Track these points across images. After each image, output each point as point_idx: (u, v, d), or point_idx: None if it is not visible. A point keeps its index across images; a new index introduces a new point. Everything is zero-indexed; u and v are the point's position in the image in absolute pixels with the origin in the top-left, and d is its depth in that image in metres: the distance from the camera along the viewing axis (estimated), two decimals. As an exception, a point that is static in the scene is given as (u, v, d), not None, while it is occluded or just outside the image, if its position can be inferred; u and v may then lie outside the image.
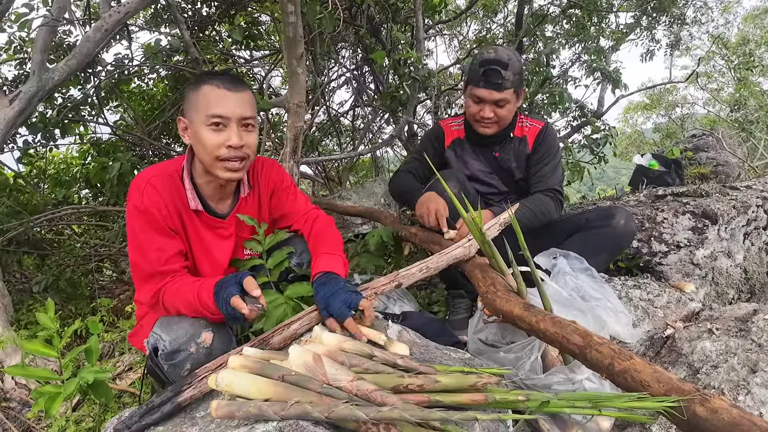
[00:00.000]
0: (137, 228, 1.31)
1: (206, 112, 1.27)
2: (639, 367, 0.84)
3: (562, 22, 5.55)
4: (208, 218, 1.43)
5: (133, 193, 1.33)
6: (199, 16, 4.31)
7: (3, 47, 3.72)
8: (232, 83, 1.30)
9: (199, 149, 1.32)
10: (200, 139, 1.29)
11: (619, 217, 1.77)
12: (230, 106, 1.28)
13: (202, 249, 1.45)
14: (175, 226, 1.36)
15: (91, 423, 1.62)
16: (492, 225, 1.61)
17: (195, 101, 1.30)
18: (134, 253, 1.32)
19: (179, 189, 1.38)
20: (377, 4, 4.14)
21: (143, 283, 1.33)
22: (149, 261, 1.30)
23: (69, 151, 4.61)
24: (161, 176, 1.36)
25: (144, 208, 1.30)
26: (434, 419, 0.80)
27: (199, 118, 1.29)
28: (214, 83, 1.29)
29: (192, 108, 1.31)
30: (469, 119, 1.95)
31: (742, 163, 4.73)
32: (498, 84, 1.78)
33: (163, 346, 1.20)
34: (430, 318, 1.94)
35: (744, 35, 12.60)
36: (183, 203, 1.38)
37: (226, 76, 1.33)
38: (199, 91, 1.29)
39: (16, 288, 3.09)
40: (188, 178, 1.39)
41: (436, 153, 2.09)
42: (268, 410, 0.86)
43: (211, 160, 1.31)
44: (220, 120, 1.28)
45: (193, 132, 1.31)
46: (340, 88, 5.58)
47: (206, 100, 1.28)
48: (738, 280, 2.31)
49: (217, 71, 1.45)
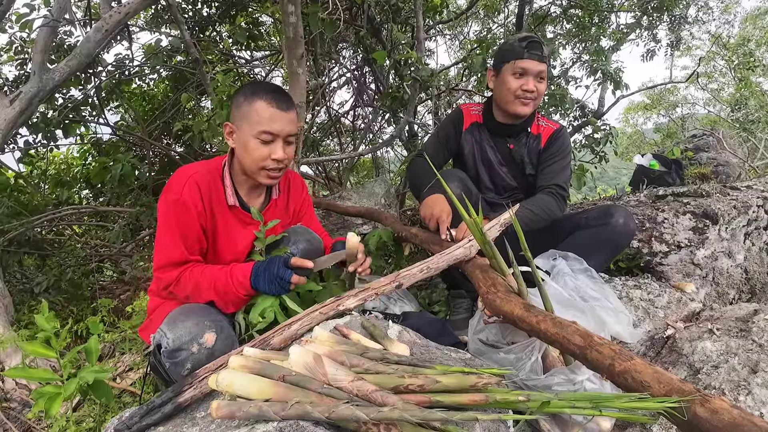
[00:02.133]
0: (172, 218, 1.40)
1: (258, 127, 1.40)
2: (639, 368, 0.84)
3: (563, 22, 5.56)
4: (243, 213, 1.54)
5: (174, 185, 1.42)
6: (200, 17, 4.31)
7: (4, 48, 3.72)
8: (284, 102, 1.43)
9: (245, 156, 1.45)
10: (248, 148, 1.43)
11: (618, 216, 1.77)
12: (280, 125, 1.42)
13: (229, 241, 1.54)
14: (205, 223, 1.46)
15: (92, 423, 1.62)
16: (492, 225, 1.61)
17: (247, 113, 1.42)
18: (165, 239, 1.40)
19: (218, 186, 1.50)
20: (378, 4, 4.14)
21: (167, 269, 1.40)
22: (179, 249, 1.40)
23: (69, 152, 4.61)
24: (203, 173, 1.47)
25: (183, 201, 1.40)
26: (435, 419, 0.80)
27: (250, 131, 1.41)
28: (269, 101, 1.41)
29: (243, 118, 1.43)
30: (506, 98, 1.94)
31: (742, 163, 4.73)
32: (541, 55, 1.88)
33: (166, 343, 1.22)
34: (431, 318, 1.94)
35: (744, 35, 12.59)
36: (219, 199, 1.50)
37: (279, 94, 1.45)
38: (252, 105, 1.41)
39: (17, 288, 3.09)
40: (228, 176, 1.52)
41: (454, 136, 2.13)
42: (269, 410, 0.86)
43: (255, 168, 1.45)
44: (270, 136, 1.42)
45: (241, 140, 1.44)
46: (340, 88, 5.59)
47: (259, 117, 1.40)
48: (739, 280, 2.31)
49: (269, 84, 1.57)
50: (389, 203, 3.54)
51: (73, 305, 2.87)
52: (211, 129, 2.74)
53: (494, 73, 1.99)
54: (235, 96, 1.49)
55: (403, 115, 3.98)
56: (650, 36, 6.01)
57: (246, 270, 1.38)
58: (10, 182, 3.60)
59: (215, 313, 1.37)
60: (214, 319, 1.30)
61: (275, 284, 1.35)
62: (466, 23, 7.13)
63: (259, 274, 1.36)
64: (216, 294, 1.38)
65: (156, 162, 4.30)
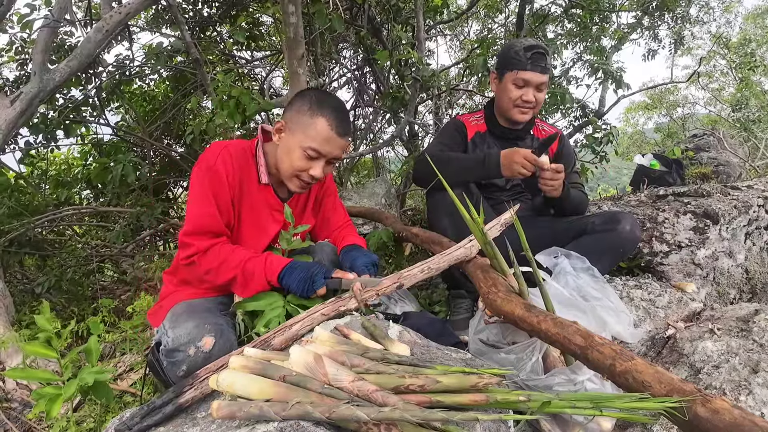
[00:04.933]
0: (206, 186, 1.40)
1: (311, 143, 1.40)
2: (640, 368, 0.84)
3: (563, 22, 5.56)
4: (272, 196, 1.55)
5: (209, 155, 1.43)
6: (200, 17, 4.31)
7: (4, 48, 3.72)
8: (344, 128, 1.43)
9: (285, 160, 1.45)
10: (291, 155, 1.43)
11: (625, 223, 1.78)
12: (332, 148, 1.43)
13: (256, 223, 1.53)
14: (234, 195, 1.46)
15: (92, 423, 1.62)
16: (493, 225, 1.61)
17: (306, 124, 1.41)
18: (198, 208, 1.40)
19: (249, 163, 1.50)
20: (378, 4, 4.14)
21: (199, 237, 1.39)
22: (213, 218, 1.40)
23: (70, 152, 4.61)
24: (236, 148, 1.48)
25: (216, 169, 1.40)
26: (435, 419, 0.80)
27: (301, 141, 1.41)
28: (331, 121, 1.40)
29: (299, 125, 1.42)
30: (506, 105, 1.99)
31: (743, 162, 4.73)
32: (544, 67, 1.90)
33: (166, 341, 1.23)
34: (431, 318, 1.94)
35: (745, 35, 12.58)
36: (250, 176, 1.50)
37: (343, 117, 1.44)
38: (314, 118, 1.40)
39: (18, 289, 3.09)
40: (262, 157, 1.52)
41: (460, 143, 2.12)
42: (269, 411, 0.86)
43: (289, 174, 1.46)
44: (317, 154, 1.42)
45: (288, 143, 1.44)
46: (341, 88, 5.59)
47: (316, 133, 1.40)
48: (739, 280, 2.31)
49: (336, 101, 1.51)
50: (390, 203, 3.53)
51: (74, 305, 2.87)
52: (210, 130, 2.74)
53: (497, 76, 2.03)
54: (300, 98, 1.47)
55: (403, 115, 3.98)
56: (651, 36, 6.01)
57: (282, 262, 1.37)
58: (11, 183, 3.60)
59: (217, 314, 1.36)
60: (216, 322, 1.29)
61: (304, 287, 1.33)
62: (467, 23, 7.13)
63: (294, 270, 1.35)
64: (242, 273, 1.36)
65: (156, 162, 4.30)
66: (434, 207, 1.98)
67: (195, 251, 1.38)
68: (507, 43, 2.09)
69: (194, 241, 1.38)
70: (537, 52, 1.88)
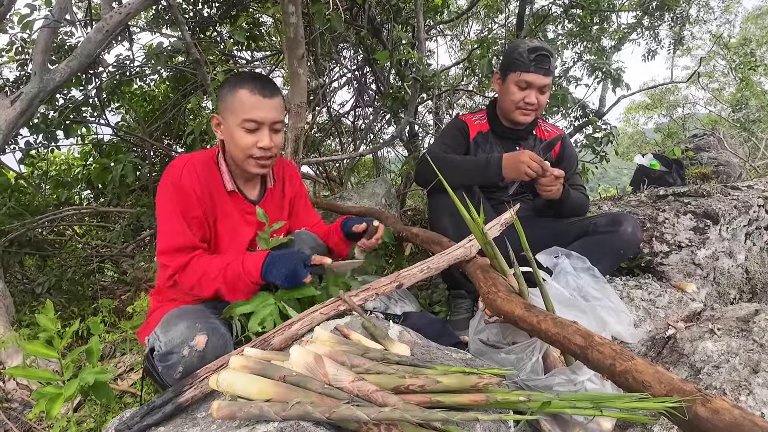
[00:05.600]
0: (174, 203, 1.40)
1: (242, 116, 1.40)
2: (640, 368, 0.84)
3: (564, 22, 5.55)
4: (242, 201, 1.55)
5: (172, 170, 1.43)
6: (200, 17, 4.31)
7: (4, 48, 3.72)
8: (266, 89, 1.42)
9: (232, 147, 1.46)
10: (234, 138, 1.43)
11: (627, 225, 1.78)
12: (264, 112, 1.41)
13: (230, 230, 1.53)
14: (205, 208, 1.45)
15: (93, 423, 1.62)
16: (493, 225, 1.61)
17: (231, 103, 1.41)
18: (167, 225, 1.40)
19: (214, 173, 1.51)
20: (378, 4, 4.14)
21: (173, 255, 1.38)
22: (184, 234, 1.39)
23: (70, 152, 4.61)
24: (199, 160, 1.49)
25: (182, 184, 1.40)
26: (436, 420, 0.80)
27: (235, 120, 1.41)
28: (251, 89, 1.40)
29: (227, 109, 1.43)
30: (508, 107, 2.00)
31: (743, 163, 4.73)
32: (547, 69, 1.91)
33: (158, 346, 1.22)
34: (431, 318, 1.94)
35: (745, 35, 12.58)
36: (217, 186, 1.50)
37: (262, 81, 1.44)
38: (235, 95, 1.40)
39: (18, 289, 3.09)
40: (224, 163, 1.53)
41: (462, 143, 2.12)
42: (269, 411, 0.86)
43: (243, 157, 1.46)
44: (255, 124, 1.41)
45: (228, 131, 1.45)
46: (341, 88, 5.58)
47: (242, 105, 1.40)
48: (739, 280, 2.31)
49: (253, 73, 1.60)
50: (390, 203, 3.53)
51: (74, 306, 2.87)
52: (210, 130, 2.74)
53: (500, 77, 2.04)
54: (220, 88, 1.49)
55: (403, 115, 3.98)
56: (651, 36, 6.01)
57: (258, 259, 1.35)
58: (11, 183, 3.60)
59: (209, 315, 1.35)
60: (207, 321, 1.27)
61: (289, 278, 1.33)
62: (467, 23, 7.13)
63: (274, 263, 1.33)
64: (224, 281, 1.35)
65: (157, 162, 4.30)
66: (435, 207, 1.98)
67: (174, 270, 1.38)
68: (511, 43, 2.09)
69: (169, 261, 1.38)
70: (541, 54, 1.89)
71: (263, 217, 1.50)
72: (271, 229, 1.51)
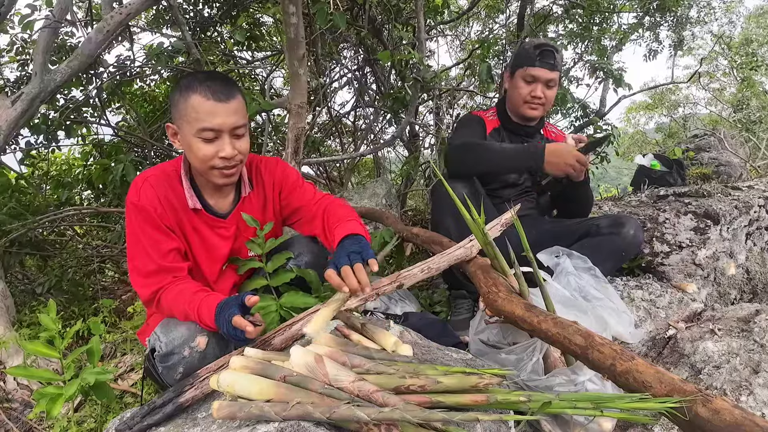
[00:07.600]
0: (135, 225, 1.32)
1: (197, 125, 1.25)
2: (641, 368, 0.84)
3: (564, 22, 5.55)
4: (208, 217, 1.43)
5: (131, 192, 1.34)
6: (201, 18, 4.31)
7: (5, 49, 3.72)
8: (222, 92, 1.25)
9: (192, 158, 1.32)
10: (192, 150, 1.29)
11: (629, 227, 1.79)
12: (222, 118, 1.25)
13: (203, 248, 1.45)
14: (170, 224, 1.35)
15: (93, 424, 1.62)
16: (494, 225, 1.61)
17: (184, 111, 1.26)
18: (133, 249, 1.33)
19: (177, 188, 1.38)
20: (379, 4, 4.14)
21: (143, 280, 1.31)
22: (149, 257, 1.30)
23: (71, 153, 4.61)
24: (159, 175, 1.38)
25: (141, 205, 1.31)
26: (436, 420, 0.80)
27: (190, 130, 1.26)
28: (204, 93, 1.24)
29: (181, 117, 1.28)
30: (516, 102, 2.05)
31: (744, 163, 4.72)
32: (552, 64, 1.96)
33: (159, 347, 1.21)
34: (432, 319, 1.94)
35: (747, 35, 12.57)
36: (181, 202, 1.38)
37: (216, 83, 1.27)
38: (188, 101, 1.25)
39: (19, 289, 3.09)
40: (186, 178, 1.39)
41: (483, 136, 2.13)
42: (270, 411, 0.86)
43: (205, 168, 1.31)
44: (213, 133, 1.26)
45: (185, 141, 1.30)
46: (341, 88, 5.57)
47: (196, 113, 1.24)
48: (740, 280, 2.31)
49: (205, 72, 1.43)
50: (390, 203, 3.54)
51: (75, 306, 2.87)
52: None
53: (509, 75, 2.09)
54: (171, 93, 1.34)
55: (404, 115, 3.98)
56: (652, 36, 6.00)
57: (211, 310, 1.17)
58: (12, 183, 3.60)
59: None
60: None
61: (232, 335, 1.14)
62: (468, 23, 7.13)
63: (219, 321, 1.15)
64: (194, 320, 1.23)
65: (157, 163, 4.30)
66: (438, 206, 1.98)
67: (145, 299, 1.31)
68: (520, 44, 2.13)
69: (140, 288, 1.32)
70: (546, 50, 1.94)
71: (252, 222, 1.42)
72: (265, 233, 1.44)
